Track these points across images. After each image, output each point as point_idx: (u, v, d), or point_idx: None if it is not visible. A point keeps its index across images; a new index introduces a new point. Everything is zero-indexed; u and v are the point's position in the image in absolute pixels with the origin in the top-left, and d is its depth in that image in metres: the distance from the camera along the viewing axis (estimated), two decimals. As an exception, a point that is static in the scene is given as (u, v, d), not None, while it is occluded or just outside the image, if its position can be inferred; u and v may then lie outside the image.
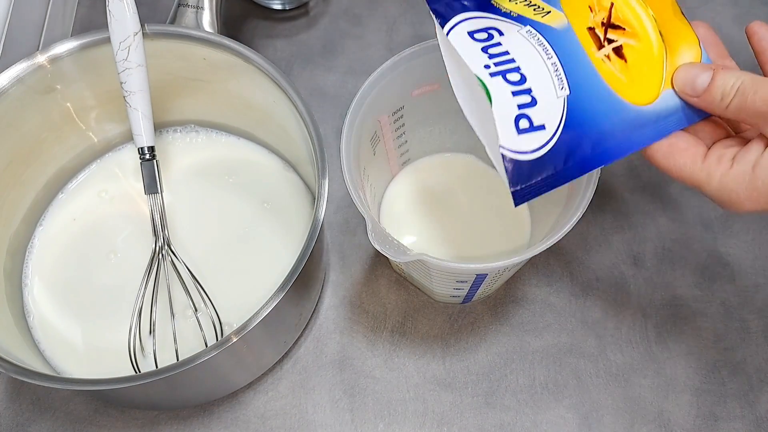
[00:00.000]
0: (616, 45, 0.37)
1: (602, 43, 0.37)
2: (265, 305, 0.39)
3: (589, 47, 0.37)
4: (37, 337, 0.49)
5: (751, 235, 0.56)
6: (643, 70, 0.37)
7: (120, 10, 0.45)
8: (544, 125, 0.35)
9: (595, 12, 0.37)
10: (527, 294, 0.54)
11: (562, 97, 0.35)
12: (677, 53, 0.37)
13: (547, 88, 0.35)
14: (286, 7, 0.65)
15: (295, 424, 0.49)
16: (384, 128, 0.48)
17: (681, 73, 0.36)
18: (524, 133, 0.35)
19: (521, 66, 0.35)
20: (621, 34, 0.37)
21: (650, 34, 0.37)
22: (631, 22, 0.37)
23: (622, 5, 0.37)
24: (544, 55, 0.36)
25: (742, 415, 0.49)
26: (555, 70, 0.36)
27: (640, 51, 0.37)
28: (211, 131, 0.56)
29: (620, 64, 0.37)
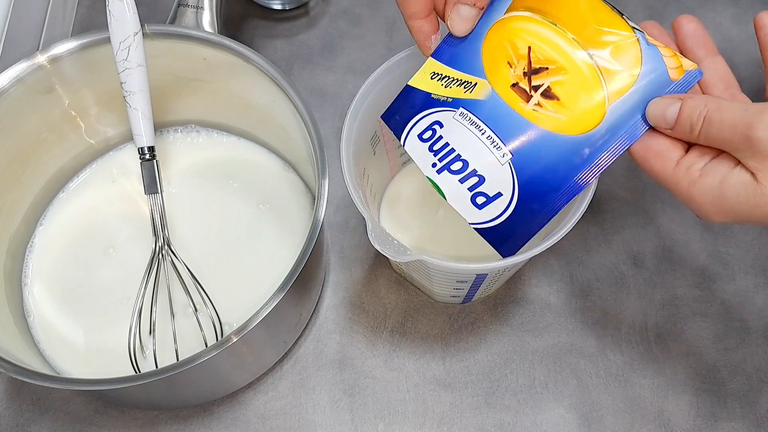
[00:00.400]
0: (544, 89, 0.37)
1: (529, 93, 0.37)
2: (265, 305, 0.39)
3: (516, 104, 0.37)
4: (37, 337, 0.49)
5: (751, 235, 0.56)
6: (580, 98, 0.36)
7: (120, 10, 0.45)
8: (500, 192, 0.38)
9: (515, 65, 0.37)
10: (527, 294, 0.54)
11: (506, 162, 0.38)
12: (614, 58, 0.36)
13: (489, 162, 0.38)
14: (286, 7, 0.65)
15: (295, 424, 0.49)
16: (384, 128, 0.48)
17: (651, 107, 0.36)
18: (485, 206, 0.38)
19: (461, 153, 0.38)
20: (546, 74, 0.37)
21: (576, 60, 0.36)
22: (553, 57, 0.37)
23: (540, 44, 0.37)
24: (478, 133, 0.38)
25: (742, 415, 0.49)
26: (492, 143, 0.38)
27: (571, 81, 0.36)
28: (212, 131, 0.56)
29: (554, 105, 0.37)
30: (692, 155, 0.36)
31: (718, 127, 0.34)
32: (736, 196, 0.33)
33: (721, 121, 0.34)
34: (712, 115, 0.34)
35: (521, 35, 0.37)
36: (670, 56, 0.36)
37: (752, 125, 0.32)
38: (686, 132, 0.35)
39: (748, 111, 0.33)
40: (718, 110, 0.34)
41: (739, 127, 0.33)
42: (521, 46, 0.37)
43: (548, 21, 0.36)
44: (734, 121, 0.33)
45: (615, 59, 0.36)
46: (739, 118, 0.33)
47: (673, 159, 0.36)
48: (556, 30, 0.36)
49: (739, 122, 0.33)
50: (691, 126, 0.35)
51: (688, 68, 0.36)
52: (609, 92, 0.36)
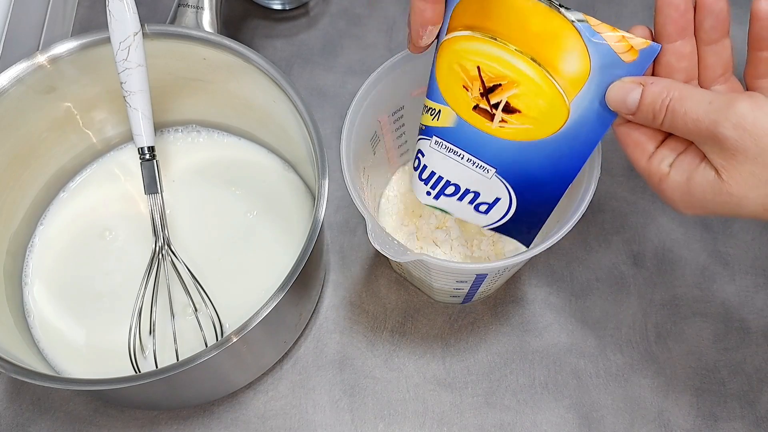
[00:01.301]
0: (503, 105, 0.37)
1: (491, 112, 0.38)
2: (265, 305, 0.39)
3: (482, 125, 0.38)
4: (37, 337, 0.49)
5: (751, 235, 0.56)
6: (539, 105, 0.36)
7: (120, 10, 0.45)
8: (498, 197, 0.41)
9: (470, 87, 0.38)
10: (527, 294, 0.54)
11: (492, 175, 0.40)
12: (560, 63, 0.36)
13: (478, 179, 0.41)
14: (286, 7, 0.65)
15: (295, 424, 0.49)
16: (384, 128, 0.48)
17: (610, 92, 0.35)
18: (489, 211, 0.42)
19: (449, 179, 0.41)
20: (501, 91, 0.37)
21: (524, 71, 0.36)
22: (503, 72, 0.36)
23: (487, 62, 0.37)
24: (458, 158, 0.40)
25: (742, 415, 0.49)
26: (473, 164, 0.40)
27: (526, 92, 0.36)
28: (212, 131, 0.56)
29: (517, 118, 0.37)
30: (664, 149, 0.35)
31: (682, 119, 0.33)
32: (702, 194, 0.33)
33: (684, 113, 0.32)
34: (675, 105, 0.33)
35: (467, 56, 0.37)
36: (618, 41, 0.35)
37: (717, 122, 0.31)
38: (649, 120, 0.34)
39: (713, 105, 0.32)
40: (680, 100, 0.33)
41: (704, 123, 0.32)
42: (470, 67, 0.37)
43: (488, 37, 0.36)
44: (698, 115, 0.32)
45: (561, 60, 0.35)
46: (702, 113, 0.32)
47: (648, 151, 0.36)
48: (497, 44, 0.36)
49: (703, 117, 0.32)
50: (653, 114, 0.34)
51: (641, 47, 0.35)
52: (565, 91, 0.36)
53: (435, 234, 0.51)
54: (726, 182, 0.32)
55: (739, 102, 0.31)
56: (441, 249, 0.51)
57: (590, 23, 0.34)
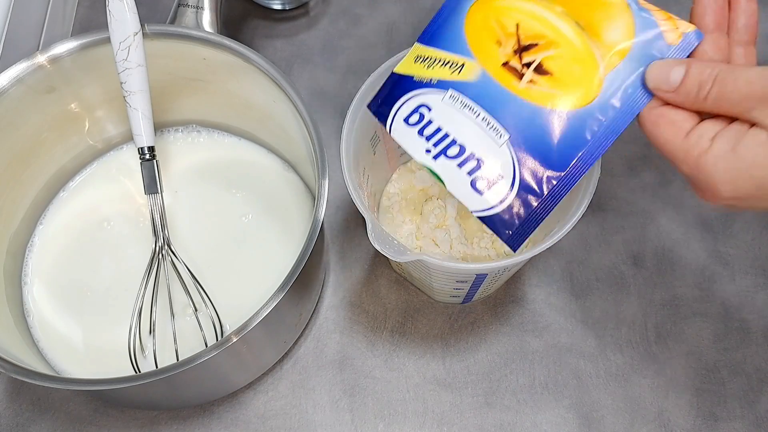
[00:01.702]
0: (536, 65, 0.36)
1: (521, 71, 0.36)
2: (265, 305, 0.39)
3: (509, 83, 0.36)
4: (36, 337, 0.49)
5: (751, 235, 0.56)
6: (573, 71, 0.35)
7: (120, 10, 0.45)
8: (501, 175, 0.36)
9: (504, 44, 0.36)
10: (527, 294, 0.54)
11: (504, 143, 0.36)
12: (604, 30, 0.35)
13: (487, 144, 0.36)
14: (286, 7, 0.65)
15: (295, 424, 0.49)
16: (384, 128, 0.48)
17: (653, 70, 0.34)
18: (486, 191, 0.37)
19: (456, 137, 0.37)
20: (536, 50, 0.36)
21: (566, 33, 0.35)
22: (542, 32, 0.36)
23: (528, 19, 0.36)
24: (471, 115, 0.37)
25: (742, 415, 0.49)
26: (487, 125, 0.36)
27: (563, 55, 0.35)
28: (212, 131, 0.56)
29: (548, 81, 0.35)
30: (704, 126, 0.34)
31: (733, 83, 0.32)
32: (754, 158, 0.31)
33: (736, 78, 0.32)
34: (725, 74, 0.32)
35: (507, 12, 0.36)
36: (665, 19, 0.34)
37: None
38: (692, 94, 0.33)
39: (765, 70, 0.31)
40: (730, 71, 0.32)
41: (758, 81, 0.31)
42: (508, 23, 0.36)
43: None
44: (750, 75, 0.32)
45: (606, 28, 0.35)
46: (756, 74, 0.31)
47: (685, 128, 0.34)
48: (542, 3, 0.36)
49: (757, 76, 0.31)
50: (699, 86, 0.33)
51: (686, 30, 0.34)
52: (603, 63, 0.35)
53: (435, 233, 0.51)
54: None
55: None
56: (441, 249, 0.51)
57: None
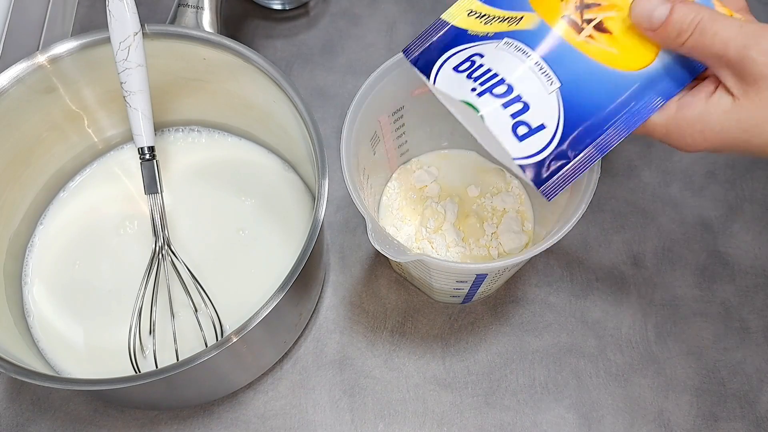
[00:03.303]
0: (596, 22, 0.36)
1: (581, 25, 0.36)
2: (265, 305, 0.39)
3: (568, 35, 0.36)
4: (36, 337, 0.49)
5: (751, 235, 0.56)
6: (631, 35, 0.35)
7: (120, 10, 0.45)
8: (543, 124, 0.35)
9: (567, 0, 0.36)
10: (527, 294, 0.54)
11: (554, 91, 0.35)
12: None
13: (536, 89, 0.35)
14: (286, 7, 0.65)
15: (295, 424, 0.49)
16: (384, 128, 0.48)
17: (637, 5, 0.35)
18: (526, 137, 0.35)
19: (505, 77, 0.36)
20: (599, 9, 0.36)
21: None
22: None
23: None
24: (525, 58, 0.36)
25: (742, 415, 0.49)
26: (539, 68, 0.35)
27: (624, 18, 0.35)
28: (212, 131, 0.56)
29: (606, 39, 0.36)
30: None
31: (711, 39, 0.32)
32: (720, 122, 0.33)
33: (715, 32, 0.32)
34: (706, 24, 0.33)
35: None
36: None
37: (747, 46, 0.31)
38: (671, 36, 0.34)
39: (744, 29, 0.32)
40: (712, 20, 0.33)
41: (733, 45, 0.32)
42: None
43: None
44: (729, 35, 0.32)
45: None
46: (732, 35, 0.32)
47: None
48: None
49: (733, 38, 0.32)
50: (678, 32, 0.33)
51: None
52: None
53: (435, 233, 0.51)
54: (744, 107, 0.32)
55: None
56: (441, 249, 0.51)
57: None
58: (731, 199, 0.57)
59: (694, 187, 0.57)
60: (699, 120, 0.34)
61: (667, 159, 0.58)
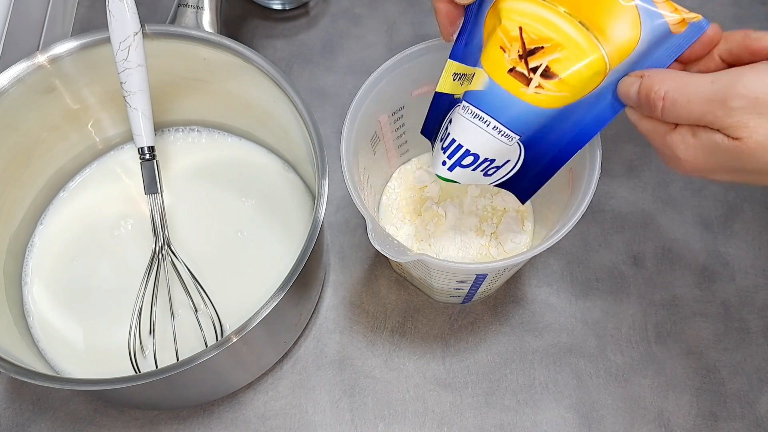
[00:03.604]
0: (542, 69, 0.35)
1: (528, 77, 0.36)
2: (265, 305, 0.39)
3: (516, 90, 0.36)
4: (36, 337, 0.49)
5: (751, 235, 0.56)
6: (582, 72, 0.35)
7: (120, 10, 0.45)
8: (508, 160, 0.40)
9: (509, 49, 0.36)
10: (527, 294, 0.54)
11: (515, 143, 0.38)
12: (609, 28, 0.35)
13: (498, 148, 0.38)
14: (286, 7, 0.65)
15: (295, 424, 0.49)
16: (384, 128, 0.48)
17: (619, 87, 0.36)
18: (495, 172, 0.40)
19: (470, 148, 0.38)
20: (542, 54, 0.35)
21: (571, 34, 0.35)
22: (547, 34, 0.35)
23: (531, 22, 0.35)
24: (483, 125, 0.37)
25: (742, 415, 0.49)
26: (499, 132, 0.37)
27: (570, 57, 0.35)
28: (212, 131, 0.56)
29: (555, 84, 0.35)
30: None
31: (686, 107, 0.33)
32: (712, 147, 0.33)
33: (687, 101, 0.32)
34: (675, 95, 0.33)
35: (510, 16, 0.36)
36: (672, 11, 0.34)
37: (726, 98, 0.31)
38: (648, 112, 0.34)
39: (716, 84, 0.32)
40: (679, 89, 0.33)
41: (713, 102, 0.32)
42: (511, 27, 0.36)
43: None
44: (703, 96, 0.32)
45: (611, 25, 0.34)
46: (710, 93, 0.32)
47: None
48: (545, 5, 0.35)
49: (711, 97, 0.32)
50: (652, 107, 0.34)
51: (692, 20, 0.34)
52: (610, 59, 0.35)
53: (435, 233, 0.51)
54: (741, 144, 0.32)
55: (744, 76, 0.31)
56: (441, 249, 0.51)
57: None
58: (731, 199, 0.57)
59: (694, 187, 0.57)
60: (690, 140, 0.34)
61: (667, 159, 0.58)
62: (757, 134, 0.31)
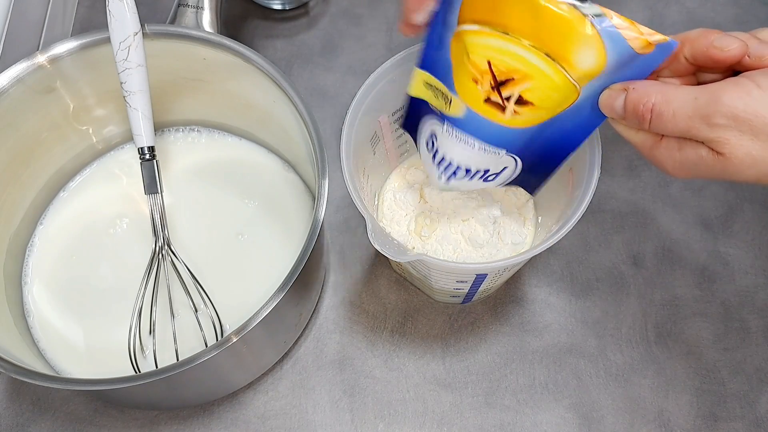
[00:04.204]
0: (516, 98, 0.36)
1: (503, 104, 0.37)
2: (265, 305, 0.39)
3: (494, 116, 0.38)
4: (36, 337, 0.49)
5: (751, 235, 0.56)
6: (553, 98, 0.36)
7: (120, 10, 0.45)
8: (506, 167, 0.42)
9: (480, 81, 0.37)
10: (527, 294, 0.54)
11: (503, 154, 0.40)
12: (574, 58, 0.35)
13: (489, 161, 0.40)
14: (286, 7, 0.65)
15: (295, 424, 0.49)
16: (384, 128, 0.48)
17: (601, 99, 0.36)
18: (496, 177, 0.42)
19: (460, 164, 0.41)
20: (513, 84, 0.36)
21: (538, 66, 0.35)
22: (515, 66, 0.36)
23: (498, 56, 0.36)
24: (469, 147, 0.40)
25: (742, 415, 0.49)
26: (485, 151, 0.40)
27: (540, 86, 0.36)
28: (212, 131, 0.56)
29: (530, 110, 0.37)
30: None
31: (671, 121, 0.33)
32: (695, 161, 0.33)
33: (673, 115, 0.33)
34: (661, 108, 0.33)
35: (477, 50, 0.36)
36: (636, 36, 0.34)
37: (708, 116, 0.32)
38: (636, 124, 0.35)
39: (699, 101, 0.32)
40: (665, 103, 0.33)
41: (694, 120, 0.32)
42: (479, 61, 0.36)
43: (499, 31, 0.35)
44: (686, 113, 0.32)
45: (576, 53, 0.35)
46: (691, 111, 0.32)
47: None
48: (509, 39, 0.35)
49: (692, 115, 0.32)
50: (640, 120, 0.34)
51: (658, 42, 0.34)
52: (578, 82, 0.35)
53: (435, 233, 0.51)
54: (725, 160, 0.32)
55: (725, 93, 0.31)
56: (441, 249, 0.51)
57: (607, 16, 0.34)
58: (731, 199, 0.57)
59: (694, 187, 0.57)
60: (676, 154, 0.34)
61: (667, 159, 0.58)
62: (738, 151, 0.32)
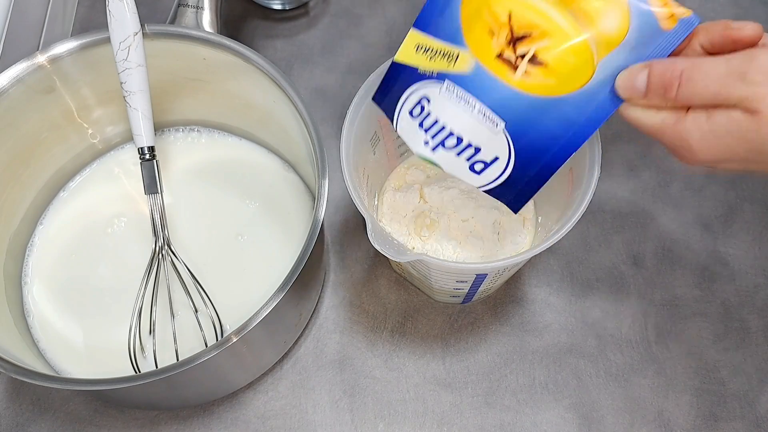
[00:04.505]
0: (529, 56, 0.35)
1: (515, 63, 0.36)
2: (265, 305, 0.39)
3: (504, 75, 0.36)
4: (36, 337, 0.49)
5: (751, 235, 0.56)
6: (568, 61, 0.35)
7: (120, 10, 0.45)
8: (496, 157, 0.39)
9: (497, 34, 0.36)
10: (527, 294, 0.54)
11: (500, 130, 0.38)
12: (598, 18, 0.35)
13: (483, 133, 0.38)
14: (286, 7, 0.65)
15: (295, 424, 0.49)
16: (384, 128, 0.48)
17: (620, 81, 0.35)
18: (483, 170, 0.39)
19: (453, 129, 0.38)
20: (530, 41, 0.35)
21: (559, 23, 0.35)
22: (535, 21, 0.35)
23: (520, 9, 0.35)
24: (468, 108, 0.38)
25: (742, 415, 0.49)
26: (484, 116, 0.37)
27: (557, 45, 0.35)
28: (212, 131, 0.56)
29: (542, 71, 0.35)
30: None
31: (702, 82, 0.32)
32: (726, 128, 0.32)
33: (705, 75, 0.32)
34: (691, 74, 0.33)
35: (499, 1, 0.36)
36: (662, 5, 0.34)
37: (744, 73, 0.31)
38: (660, 95, 0.34)
39: (731, 62, 0.32)
40: (694, 68, 0.33)
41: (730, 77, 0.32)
42: (501, 12, 0.36)
43: None
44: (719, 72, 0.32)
45: (600, 15, 0.34)
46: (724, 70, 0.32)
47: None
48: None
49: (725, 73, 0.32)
50: (665, 87, 0.33)
51: (682, 16, 0.34)
52: (597, 49, 0.35)
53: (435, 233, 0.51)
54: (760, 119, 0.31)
55: (761, 54, 0.31)
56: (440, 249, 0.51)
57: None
58: (731, 199, 0.57)
59: (694, 187, 0.57)
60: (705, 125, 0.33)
61: (667, 159, 0.58)
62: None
